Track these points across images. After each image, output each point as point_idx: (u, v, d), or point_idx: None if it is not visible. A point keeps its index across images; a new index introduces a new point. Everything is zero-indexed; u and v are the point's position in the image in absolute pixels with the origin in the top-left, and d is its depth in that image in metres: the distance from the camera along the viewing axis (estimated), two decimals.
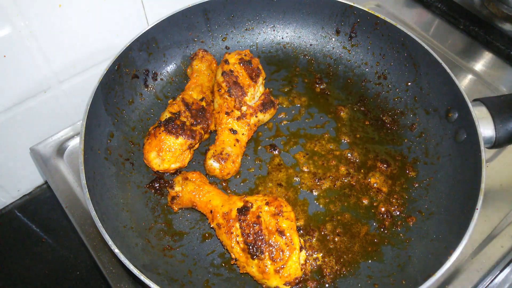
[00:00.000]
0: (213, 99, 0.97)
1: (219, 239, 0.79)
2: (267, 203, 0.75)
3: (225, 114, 0.92)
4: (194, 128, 0.88)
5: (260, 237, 0.71)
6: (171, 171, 0.90)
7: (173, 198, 0.84)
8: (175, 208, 0.85)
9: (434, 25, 1.35)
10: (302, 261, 0.73)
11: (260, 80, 0.96)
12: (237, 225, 0.74)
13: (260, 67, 0.97)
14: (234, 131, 0.91)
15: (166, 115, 0.89)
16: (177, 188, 0.84)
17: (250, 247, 0.71)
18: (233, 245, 0.74)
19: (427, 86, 0.97)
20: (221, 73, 0.93)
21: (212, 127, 0.94)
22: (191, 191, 0.82)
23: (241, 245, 0.73)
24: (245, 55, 0.96)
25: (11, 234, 1.07)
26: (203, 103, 0.93)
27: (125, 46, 0.93)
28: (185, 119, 0.88)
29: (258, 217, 0.73)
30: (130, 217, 0.84)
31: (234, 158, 0.88)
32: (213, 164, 0.88)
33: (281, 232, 0.71)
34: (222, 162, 0.87)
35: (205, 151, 0.92)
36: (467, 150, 0.84)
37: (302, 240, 0.77)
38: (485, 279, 0.87)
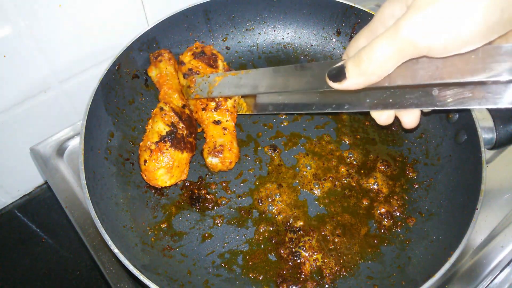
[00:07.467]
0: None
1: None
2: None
3: (202, 110, 0.92)
4: (190, 139, 0.88)
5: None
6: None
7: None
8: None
9: None
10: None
11: (220, 63, 0.96)
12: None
13: (215, 51, 0.98)
14: (217, 122, 0.91)
15: (163, 127, 0.85)
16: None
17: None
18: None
19: None
20: (183, 76, 0.94)
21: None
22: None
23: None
24: (196, 48, 0.97)
25: (11, 234, 1.07)
26: (187, 111, 0.92)
27: (126, 46, 0.93)
28: (182, 132, 0.87)
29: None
30: (130, 217, 0.84)
31: (229, 145, 0.88)
32: (212, 160, 0.88)
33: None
34: (220, 155, 0.87)
35: (201, 152, 0.92)
36: (468, 151, 0.84)
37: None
38: (485, 279, 0.87)
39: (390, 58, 0.56)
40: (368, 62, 0.58)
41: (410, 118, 0.72)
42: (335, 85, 0.64)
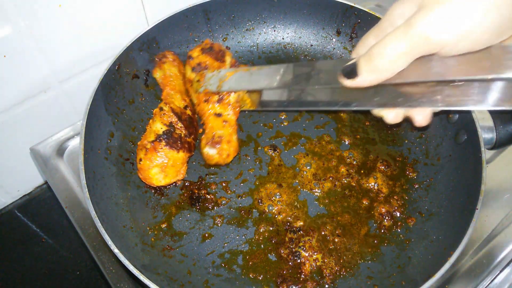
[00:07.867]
0: (191, 101, 0.97)
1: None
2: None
3: (204, 102, 0.91)
4: (189, 140, 0.88)
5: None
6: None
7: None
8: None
9: None
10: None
11: (227, 58, 0.96)
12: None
13: (223, 48, 0.98)
14: (219, 114, 0.90)
15: (160, 127, 0.85)
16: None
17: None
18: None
19: None
20: (191, 70, 0.94)
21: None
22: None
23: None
24: (205, 44, 0.97)
25: (11, 234, 1.07)
26: (188, 112, 0.92)
27: (126, 46, 0.93)
28: (180, 132, 0.87)
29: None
30: (130, 217, 0.84)
31: (228, 138, 0.88)
32: (209, 151, 0.87)
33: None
34: (217, 146, 0.86)
35: (198, 144, 0.92)
36: (468, 151, 0.84)
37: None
38: (485, 279, 0.87)
39: (402, 54, 0.56)
40: (380, 58, 0.58)
41: (421, 116, 0.71)
42: (348, 82, 0.64)
